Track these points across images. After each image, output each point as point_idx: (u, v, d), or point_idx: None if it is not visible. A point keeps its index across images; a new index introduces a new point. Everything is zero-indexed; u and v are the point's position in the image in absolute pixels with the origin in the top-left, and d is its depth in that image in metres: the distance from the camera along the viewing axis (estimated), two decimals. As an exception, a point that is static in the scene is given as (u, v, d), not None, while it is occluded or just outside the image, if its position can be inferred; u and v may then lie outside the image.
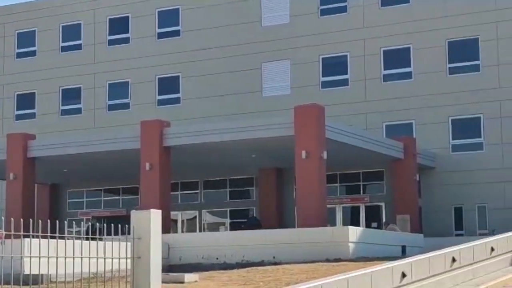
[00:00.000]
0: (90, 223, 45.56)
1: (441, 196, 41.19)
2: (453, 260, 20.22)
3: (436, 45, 42.47)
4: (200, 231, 43.86)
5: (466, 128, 41.84)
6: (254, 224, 38.56)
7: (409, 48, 43.26)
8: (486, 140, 41.24)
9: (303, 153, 31.24)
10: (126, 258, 10.77)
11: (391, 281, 17.09)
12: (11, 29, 52.59)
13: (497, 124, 40.92)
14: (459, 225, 40.77)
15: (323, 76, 45.08)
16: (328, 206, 36.21)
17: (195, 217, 46.20)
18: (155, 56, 48.29)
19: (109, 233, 10.76)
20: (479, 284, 19.84)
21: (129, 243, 10.78)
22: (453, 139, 41.99)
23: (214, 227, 45.05)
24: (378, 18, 43.79)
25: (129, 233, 10.79)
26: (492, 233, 37.74)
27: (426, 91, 41.99)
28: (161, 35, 49.20)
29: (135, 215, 10.96)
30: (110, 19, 50.52)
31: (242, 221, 42.90)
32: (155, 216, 10.92)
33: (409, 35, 42.93)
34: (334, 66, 45.04)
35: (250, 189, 45.62)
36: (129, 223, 10.71)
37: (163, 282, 12.61)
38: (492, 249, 23.30)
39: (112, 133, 40.99)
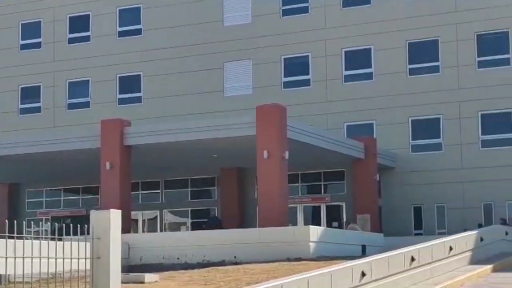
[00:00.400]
0: (55, 223, 45.13)
1: (400, 196, 41.53)
2: (412, 259, 20.39)
3: (397, 46, 42.79)
4: (161, 231, 43.75)
5: (425, 128, 42.23)
6: (215, 224, 38.55)
7: (370, 49, 43.53)
8: (445, 140, 41.65)
9: (265, 153, 31.26)
10: (86, 258, 10.71)
11: (351, 280, 17.18)
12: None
13: (456, 125, 41.34)
14: (419, 224, 41.15)
15: (285, 76, 45.21)
16: (290, 205, 36.28)
17: (156, 217, 46.11)
18: (116, 55, 48.12)
19: (68, 233, 10.69)
20: (437, 283, 20.03)
21: (88, 243, 10.73)
22: (413, 139, 42.36)
23: (175, 227, 45.01)
24: (339, 19, 44.02)
25: (88, 233, 10.74)
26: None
27: (387, 91, 42.29)
28: (122, 34, 49.01)
29: (94, 215, 10.89)
30: (70, 17, 50.20)
31: (203, 221, 42.91)
32: (115, 216, 10.86)
33: (370, 36, 43.18)
34: (296, 67, 45.19)
35: (212, 188, 45.63)
36: (89, 223, 10.66)
37: (123, 282, 12.55)
38: (451, 249, 23.54)
39: (72, 132, 40.76)
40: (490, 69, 41.34)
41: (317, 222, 40.67)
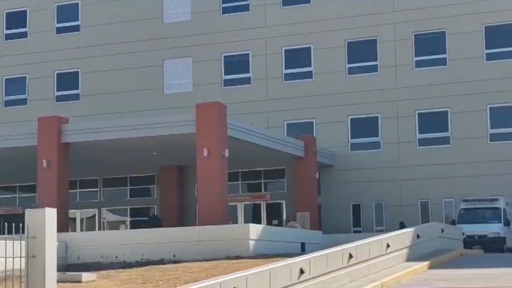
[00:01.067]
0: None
1: (339, 193, 41.89)
2: (350, 256, 20.56)
3: (336, 45, 43.11)
4: (99, 229, 43.36)
5: (364, 127, 42.62)
6: (155, 223, 38.33)
7: (309, 47, 43.76)
8: (384, 139, 42.14)
9: (205, 151, 31.24)
10: (21, 257, 10.60)
11: (290, 277, 17.25)
12: None
13: (394, 123, 41.86)
14: (357, 222, 41.55)
15: (225, 74, 45.27)
16: (230, 204, 36.36)
17: (95, 215, 45.76)
18: (53, 51, 47.64)
19: (3, 232, 10.57)
20: (374, 280, 20.20)
21: (23, 242, 10.61)
22: (351, 138, 42.76)
23: (114, 226, 44.65)
24: (279, 18, 44.19)
25: (23, 232, 10.63)
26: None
27: (327, 90, 42.60)
28: (60, 30, 48.55)
29: (29, 213, 10.80)
30: (7, 13, 49.53)
31: (143, 219, 42.64)
32: (50, 214, 10.76)
33: (310, 35, 43.43)
34: (236, 65, 45.23)
35: (151, 187, 45.46)
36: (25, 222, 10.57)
37: (60, 281, 12.43)
38: (388, 246, 23.80)
39: (8, 130, 40.16)
40: (427, 68, 41.90)
41: (257, 220, 40.78)
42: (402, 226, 39.39)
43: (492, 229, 35.18)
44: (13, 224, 10.46)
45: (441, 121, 41.43)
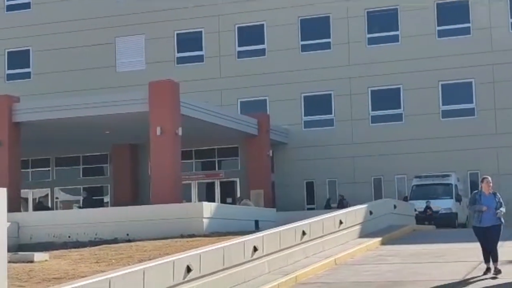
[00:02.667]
0: None
1: (293, 171, 42.07)
2: (303, 233, 20.71)
3: (289, 22, 43.12)
4: (52, 209, 42.98)
5: (317, 104, 42.80)
6: (90, 203, 38.18)
7: (262, 25, 43.72)
8: (337, 116, 42.37)
9: (158, 130, 31.16)
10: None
11: (243, 255, 17.35)
12: None
13: (347, 101, 42.09)
14: (311, 199, 41.78)
15: (178, 52, 45.12)
16: (184, 182, 36.39)
17: (47, 195, 45.37)
18: (3, 29, 47.00)
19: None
20: (329, 256, 20.40)
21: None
22: (305, 115, 42.93)
23: (68, 205, 44.35)
24: (232, -5, 44.02)
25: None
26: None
27: (279, 68, 42.65)
28: (10, 8, 47.95)
29: (-21, 193, 10.70)
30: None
31: (78, 200, 42.77)
32: (0, 194, 10.68)
33: (262, 12, 43.34)
34: (189, 42, 45.07)
35: (104, 166, 45.21)
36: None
37: (11, 261, 12.37)
38: (341, 222, 23.99)
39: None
40: (379, 45, 42.11)
41: (211, 198, 40.76)
42: (328, 202, 40.08)
43: (444, 204, 35.59)
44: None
45: (394, 98, 41.74)
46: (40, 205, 40.37)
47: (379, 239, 24.69)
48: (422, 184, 37.18)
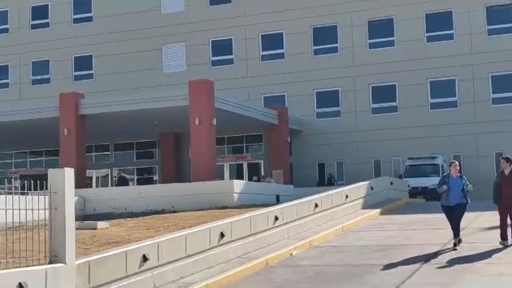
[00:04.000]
0: (24, 181, 44.29)
1: (307, 154, 42.05)
2: (316, 205, 20.77)
3: (304, 30, 43.00)
4: (111, 186, 43.27)
5: (327, 99, 42.66)
6: (123, 182, 38.43)
7: (282, 33, 43.67)
8: (343, 108, 42.24)
9: (197, 120, 31.22)
10: (45, 209, 10.63)
11: (267, 223, 17.43)
12: None
13: (351, 95, 41.96)
14: (322, 177, 41.69)
15: (212, 56, 45.17)
16: (218, 163, 36.45)
17: (107, 174, 45.74)
18: (71, 39, 47.37)
19: (36, 189, 10.58)
20: (336, 225, 20.44)
21: (47, 197, 10.62)
22: (317, 108, 42.83)
23: (125, 182, 44.58)
24: (257, 8, 43.94)
25: (47, 189, 10.64)
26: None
27: (295, 68, 42.60)
28: (76, 21, 48.28)
29: (51, 172, 10.83)
30: (33, 7, 49.40)
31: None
32: (69, 173, 10.80)
33: (281, 22, 43.26)
34: (222, 48, 45.04)
35: (153, 150, 45.41)
36: (48, 181, 10.59)
37: (79, 229, 12.49)
38: (347, 197, 23.99)
39: (34, 104, 39.86)
40: (378, 49, 41.95)
41: (240, 177, 40.90)
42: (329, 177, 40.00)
43: (432, 181, 35.35)
44: (38, 182, 10.47)
45: (390, 93, 41.52)
46: (121, 180, 40.77)
47: (379, 210, 24.70)
48: (414, 164, 37.04)
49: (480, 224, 19.07)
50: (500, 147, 37.58)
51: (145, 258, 12.21)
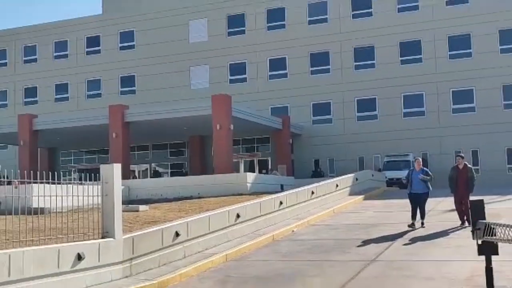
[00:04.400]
0: (81, 174, 44.48)
1: (305, 152, 42.02)
2: (312, 193, 20.78)
3: (303, 55, 42.90)
4: (150, 177, 43.39)
5: (321, 109, 42.48)
6: (157, 175, 38.59)
7: (285, 57, 43.60)
8: (334, 117, 42.13)
9: (218, 126, 31.30)
10: (98, 196, 10.72)
11: (273, 207, 17.46)
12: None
13: (340, 106, 41.86)
14: (319, 171, 41.58)
15: (230, 75, 45.14)
16: (234, 160, 36.59)
17: (147, 168, 45.83)
18: (119, 62, 47.39)
19: (90, 180, 10.65)
20: (329, 208, 20.43)
21: (100, 186, 10.71)
22: (313, 116, 42.68)
23: (161, 175, 44.73)
24: (264, 38, 43.94)
25: (100, 180, 10.74)
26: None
27: (296, 85, 42.44)
28: (122, 48, 48.38)
29: (103, 167, 10.95)
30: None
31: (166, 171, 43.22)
32: (117, 167, 10.92)
33: (285, 49, 43.24)
34: (237, 69, 44.95)
35: (183, 149, 45.42)
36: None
37: (124, 211, 12.53)
38: (337, 186, 23.96)
39: (90, 113, 40.20)
40: (362, 70, 41.81)
41: (252, 170, 40.88)
42: (318, 170, 39.95)
43: (405, 174, 35.12)
44: (92, 175, 10.53)
45: (371, 104, 41.37)
46: (155, 173, 40.90)
47: (363, 196, 24.69)
48: (390, 160, 36.95)
49: (443, 208, 18.96)
50: (458, 146, 37.49)
51: (177, 234, 12.27)
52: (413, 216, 15.23)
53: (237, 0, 45.07)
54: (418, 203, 15.30)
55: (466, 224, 14.53)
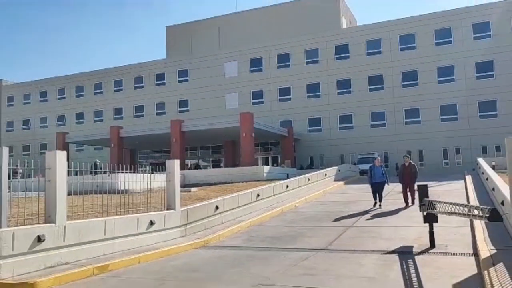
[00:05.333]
0: (152, 167, 44.70)
1: (304, 152, 41.73)
2: (308, 180, 20.56)
3: (302, 85, 42.65)
4: (198, 169, 43.50)
5: (315, 122, 42.17)
6: (197, 168, 38.54)
7: (289, 87, 43.37)
8: (323, 127, 41.83)
9: (244, 134, 31.33)
10: (164, 182, 10.73)
11: (281, 189, 17.34)
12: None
13: (327, 121, 41.51)
14: (312, 164, 41.43)
15: (253, 99, 44.95)
16: (255, 157, 36.46)
17: (196, 163, 45.93)
18: (176, 91, 47.47)
19: (158, 171, 10.63)
20: (320, 190, 20.15)
21: (165, 175, 10.72)
22: (309, 127, 42.42)
23: (205, 167, 44.83)
24: (275, 74, 43.74)
25: (165, 170, 10.73)
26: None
27: (298, 105, 42.25)
28: (180, 81, 48.49)
29: (167, 162, 10.92)
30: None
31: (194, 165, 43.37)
32: (177, 162, 10.89)
33: (290, 81, 43.07)
34: (257, 95, 44.72)
35: (220, 149, 45.43)
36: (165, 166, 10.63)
37: (181, 192, 12.58)
38: (325, 174, 23.71)
39: (157, 126, 40.46)
40: (342, 95, 41.43)
41: (267, 164, 40.74)
42: (311, 162, 39.46)
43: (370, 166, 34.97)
44: (159, 167, 10.53)
45: (349, 119, 41.05)
46: (197, 167, 40.79)
47: (344, 181, 24.42)
48: (362, 157, 36.58)
49: (396, 191, 18.68)
50: (408, 148, 37.06)
51: (216, 207, 12.25)
52: (375, 198, 14.62)
53: (257, 48, 45.03)
54: (378, 190, 14.58)
55: (410, 204, 14.11)
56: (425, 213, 8.53)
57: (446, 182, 22.10)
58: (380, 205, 14.33)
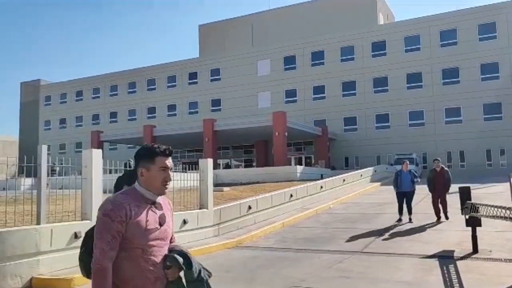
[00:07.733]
0: (185, 165, 45.31)
1: (339, 152, 41.25)
2: (344, 180, 20.40)
3: (334, 83, 42.19)
4: (230, 168, 43.89)
5: (350, 121, 41.68)
6: (228, 167, 38.76)
7: (324, 86, 43.04)
8: (358, 127, 41.22)
9: (277, 133, 31.32)
10: (197, 180, 10.89)
11: (316, 189, 17.25)
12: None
13: (363, 120, 40.91)
14: (347, 165, 40.90)
15: (285, 97, 44.90)
16: (288, 156, 36.33)
17: (228, 162, 46.30)
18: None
19: (191, 169, 10.79)
20: (355, 191, 19.96)
21: (198, 174, 10.88)
22: (344, 126, 41.91)
23: (237, 167, 45.13)
24: (308, 74, 43.48)
25: (198, 169, 10.87)
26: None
27: (332, 104, 41.85)
28: (212, 80, 49.09)
29: (200, 161, 11.07)
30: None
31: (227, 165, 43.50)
32: (209, 161, 11.02)
33: (324, 79, 42.66)
34: (290, 94, 44.63)
35: (252, 149, 45.60)
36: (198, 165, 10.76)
37: (214, 191, 12.73)
38: (361, 175, 23.45)
39: (190, 125, 41.07)
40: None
41: (300, 164, 40.56)
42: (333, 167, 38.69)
43: (410, 167, 34.14)
44: (192, 166, 10.69)
45: (386, 118, 40.24)
46: (226, 166, 41.29)
47: (380, 183, 24.06)
48: (399, 158, 35.66)
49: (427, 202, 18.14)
50: (448, 149, 35.91)
51: (249, 207, 12.33)
52: (401, 212, 12.18)
53: (290, 46, 44.87)
54: (406, 200, 12.28)
55: (443, 219, 11.97)
56: (467, 217, 8.27)
57: (489, 185, 21.30)
58: (410, 219, 12.03)
